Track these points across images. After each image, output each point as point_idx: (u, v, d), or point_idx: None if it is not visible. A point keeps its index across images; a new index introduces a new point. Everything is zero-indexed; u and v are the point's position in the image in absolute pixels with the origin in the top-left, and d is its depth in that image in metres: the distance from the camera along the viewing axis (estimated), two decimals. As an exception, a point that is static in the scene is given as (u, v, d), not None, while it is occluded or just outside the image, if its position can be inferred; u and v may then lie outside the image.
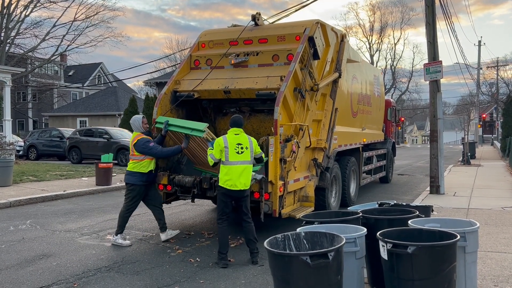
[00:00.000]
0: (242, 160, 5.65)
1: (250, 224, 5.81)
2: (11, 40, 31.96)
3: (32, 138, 23.89)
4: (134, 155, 6.57)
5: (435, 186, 11.21)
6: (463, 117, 42.10)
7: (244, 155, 5.67)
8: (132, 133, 6.82)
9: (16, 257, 5.95)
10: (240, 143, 5.70)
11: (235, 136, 5.76)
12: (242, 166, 5.65)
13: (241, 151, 5.66)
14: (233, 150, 5.63)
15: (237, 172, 5.62)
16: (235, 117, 5.97)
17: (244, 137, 5.81)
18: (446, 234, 3.65)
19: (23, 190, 11.47)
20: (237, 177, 5.61)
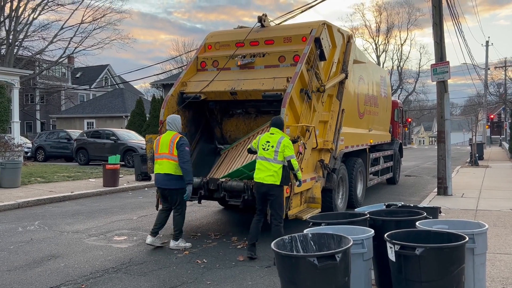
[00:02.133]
0: (264, 156, 5.86)
1: (277, 227, 5.83)
2: (19, 42, 32.23)
3: (40, 139, 24.08)
4: (173, 154, 6.23)
5: (443, 187, 11.13)
6: (470, 118, 41.82)
7: (268, 153, 5.85)
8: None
9: (24, 258, 5.99)
10: (268, 141, 5.90)
11: (269, 135, 5.98)
12: (263, 161, 5.87)
13: (267, 148, 5.87)
14: (261, 146, 5.92)
15: (258, 165, 5.89)
16: (276, 118, 6.19)
17: (276, 137, 5.92)
18: (454, 236, 3.63)
19: (31, 191, 11.56)
20: (258, 170, 5.87)
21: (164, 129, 7.51)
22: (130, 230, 7.68)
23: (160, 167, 6.35)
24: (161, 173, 6.34)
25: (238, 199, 6.84)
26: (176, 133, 6.40)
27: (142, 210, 9.61)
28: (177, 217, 6.48)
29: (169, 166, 6.29)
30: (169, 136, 6.37)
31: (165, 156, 6.30)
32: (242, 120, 8.60)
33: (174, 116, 6.61)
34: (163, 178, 6.34)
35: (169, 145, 6.29)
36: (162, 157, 6.34)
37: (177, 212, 6.48)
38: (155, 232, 6.46)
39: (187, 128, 8.19)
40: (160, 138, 6.47)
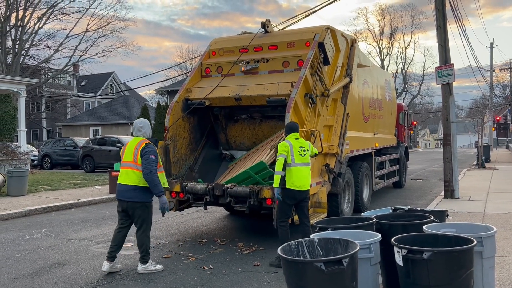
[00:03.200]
0: (305, 162, 5.92)
1: (308, 228, 5.92)
2: (25, 52, 32.54)
3: (46, 147, 24.23)
4: (137, 163, 5.48)
5: (450, 191, 11.06)
6: (476, 120, 41.58)
7: (306, 158, 5.94)
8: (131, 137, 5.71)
9: (32, 266, 6.01)
10: (302, 146, 5.96)
11: (295, 140, 5.99)
12: (306, 167, 5.93)
13: (303, 154, 5.93)
14: (297, 153, 5.89)
15: (304, 173, 5.89)
16: (291, 124, 6.20)
17: (304, 141, 6.09)
18: (462, 239, 3.60)
19: (38, 199, 11.61)
20: (305, 178, 5.88)
21: (170, 135, 7.56)
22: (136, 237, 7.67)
23: (123, 177, 5.56)
24: (124, 184, 5.53)
25: (244, 205, 6.83)
26: (143, 139, 5.62)
27: (148, 216, 9.61)
28: (141, 236, 5.60)
29: (133, 176, 5.48)
30: (135, 142, 5.60)
31: (129, 164, 5.53)
32: (246, 125, 8.61)
33: (143, 120, 5.89)
34: (126, 189, 5.51)
35: (133, 152, 5.51)
36: (125, 166, 5.57)
37: (141, 230, 5.61)
38: (112, 257, 5.61)
39: (192, 134, 8.21)
40: (127, 144, 5.72)
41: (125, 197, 5.55)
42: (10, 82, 17.92)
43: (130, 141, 5.71)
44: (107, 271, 5.58)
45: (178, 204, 7.60)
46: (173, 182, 7.34)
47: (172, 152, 7.62)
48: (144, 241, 5.62)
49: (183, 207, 7.77)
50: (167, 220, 8.99)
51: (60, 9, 32.94)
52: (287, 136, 6.11)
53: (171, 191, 7.38)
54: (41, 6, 32.12)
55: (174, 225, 8.60)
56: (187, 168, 8.01)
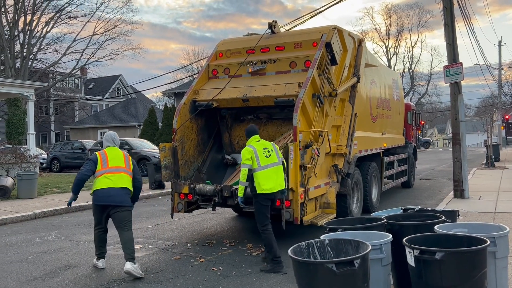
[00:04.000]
0: (272, 162, 5.85)
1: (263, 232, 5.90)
2: (33, 55, 32.83)
3: (55, 150, 24.42)
4: (130, 169, 5.85)
5: (459, 190, 10.97)
6: (485, 119, 41.18)
7: (272, 158, 5.87)
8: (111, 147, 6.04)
9: (42, 268, 6.05)
10: (266, 147, 5.92)
11: (257, 142, 5.95)
12: (274, 168, 5.85)
13: (268, 154, 5.86)
14: (262, 155, 5.84)
15: (272, 174, 5.81)
16: (251, 127, 6.19)
17: (266, 142, 6.06)
18: (475, 240, 3.56)
19: (48, 202, 11.69)
20: (274, 179, 5.80)
21: (178, 137, 7.58)
22: (145, 238, 7.71)
23: (118, 181, 5.66)
24: (118, 188, 5.62)
25: (252, 206, 6.80)
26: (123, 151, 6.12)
27: (157, 218, 9.65)
28: (131, 235, 5.72)
29: (128, 180, 5.76)
30: (118, 151, 5.97)
31: (123, 170, 5.77)
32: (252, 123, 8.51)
33: (115, 133, 6.28)
34: (120, 193, 5.64)
35: (124, 159, 5.86)
36: (120, 171, 5.72)
37: (129, 230, 5.75)
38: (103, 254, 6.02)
39: (200, 135, 8.22)
40: (105, 152, 5.88)
41: (117, 202, 5.63)
42: (19, 86, 18.08)
43: (110, 150, 5.94)
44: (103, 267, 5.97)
45: (187, 206, 7.61)
46: (182, 183, 7.35)
47: (180, 153, 7.64)
48: (132, 238, 5.77)
49: (192, 208, 7.77)
50: (176, 221, 9.00)
51: (67, 13, 33.25)
52: (248, 141, 6.03)
53: (180, 193, 7.39)
54: (49, 10, 32.47)
55: (183, 227, 8.61)
56: (195, 170, 8.02)
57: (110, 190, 5.61)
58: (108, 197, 5.62)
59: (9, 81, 18.62)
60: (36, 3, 31.32)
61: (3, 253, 6.92)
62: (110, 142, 6.07)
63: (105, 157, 5.82)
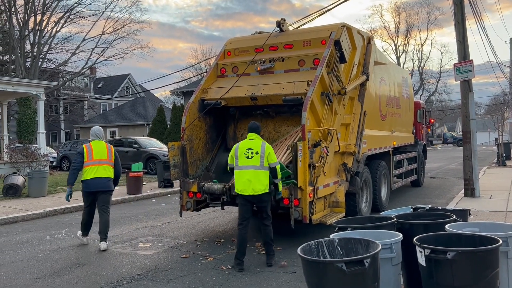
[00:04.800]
0: (251, 165, 5.66)
1: (268, 228, 5.86)
2: (43, 55, 33.14)
3: (65, 149, 24.61)
4: (111, 161, 7.07)
5: (470, 189, 10.86)
6: (496, 117, 40.74)
7: (253, 160, 5.64)
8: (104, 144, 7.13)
9: (53, 266, 6.10)
10: (250, 148, 5.72)
11: (248, 141, 5.82)
12: (250, 171, 5.66)
13: (250, 156, 5.67)
14: (243, 155, 5.70)
15: (245, 176, 5.67)
16: (251, 123, 6.05)
17: (257, 143, 5.77)
18: (487, 239, 3.51)
19: (58, 200, 11.79)
20: (246, 182, 5.65)
21: (186, 135, 7.60)
22: (154, 237, 7.74)
23: (101, 172, 6.91)
24: (103, 177, 6.90)
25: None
26: (105, 142, 7.20)
27: (166, 217, 9.68)
28: (108, 217, 7.03)
29: (110, 170, 7.05)
30: (102, 144, 7.08)
31: (106, 162, 6.99)
32: (258, 119, 8.44)
33: (99, 128, 7.38)
34: (105, 181, 6.91)
35: (107, 152, 7.02)
36: (103, 163, 6.94)
37: (108, 212, 7.04)
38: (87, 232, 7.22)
39: (209, 134, 8.22)
40: (91, 146, 7.01)
41: (103, 188, 6.94)
42: (29, 85, 18.25)
43: (95, 143, 7.07)
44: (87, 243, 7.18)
45: (195, 204, 7.62)
46: (190, 182, 7.37)
47: (189, 152, 7.65)
48: (109, 221, 7.10)
49: (200, 207, 7.79)
50: (185, 220, 9.03)
51: (76, 13, 33.50)
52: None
53: (188, 191, 7.41)
54: (58, 10, 32.74)
55: (192, 225, 8.63)
56: (203, 168, 8.03)
57: (97, 179, 6.89)
58: (95, 185, 6.90)
59: (19, 81, 18.80)
60: (46, 3, 31.62)
61: (14, 250, 7.00)
62: (95, 136, 7.20)
63: (90, 150, 6.95)
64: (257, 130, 5.95)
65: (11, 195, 12.09)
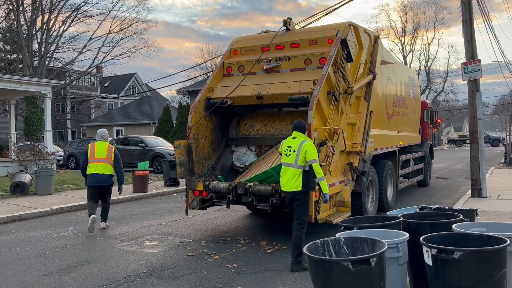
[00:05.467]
0: (286, 162, 5.78)
1: (298, 232, 5.65)
2: (50, 54, 33.31)
3: (71, 147, 24.74)
4: (110, 159, 8.11)
5: (477, 189, 10.79)
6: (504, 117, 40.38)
7: (290, 158, 5.73)
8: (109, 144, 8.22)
9: (60, 263, 6.14)
10: (290, 146, 5.79)
11: (291, 139, 5.86)
12: (286, 168, 5.79)
13: (288, 153, 5.77)
14: (283, 152, 5.84)
15: (283, 173, 5.82)
16: (297, 122, 6.01)
17: (297, 141, 5.77)
18: (494, 239, 3.49)
19: (64, 198, 11.87)
20: (284, 179, 5.79)
21: (192, 134, 7.62)
22: (160, 235, 7.76)
23: (101, 169, 8.01)
24: (103, 174, 8.02)
25: (267, 204, 6.81)
26: (108, 143, 8.23)
27: (172, 215, 9.71)
28: (108, 205, 8.47)
29: (109, 168, 8.10)
30: (105, 145, 8.15)
31: (105, 160, 8.06)
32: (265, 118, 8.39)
33: (105, 130, 8.49)
34: (105, 177, 8.07)
35: (107, 152, 8.08)
36: (102, 161, 8.03)
37: (109, 201, 8.45)
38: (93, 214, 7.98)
39: (214, 133, 8.23)
40: (95, 146, 8.12)
41: (104, 183, 8.10)
42: (36, 84, 18.36)
43: (98, 144, 8.16)
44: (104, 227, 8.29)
45: (201, 203, 7.64)
46: (196, 181, 7.38)
47: (195, 151, 7.66)
48: (108, 208, 8.49)
49: (206, 205, 7.80)
50: (190, 218, 9.05)
51: (83, 12, 33.61)
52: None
53: (194, 190, 7.42)
54: (66, 9, 32.87)
55: (197, 224, 8.65)
56: (209, 167, 8.04)
57: (96, 175, 8.01)
58: (96, 180, 8.03)
59: (27, 80, 18.92)
60: (54, 2, 31.78)
61: (22, 248, 7.05)
62: (100, 137, 8.33)
63: (93, 150, 8.08)
64: (301, 129, 5.90)
65: (18, 193, 12.18)
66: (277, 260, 6.06)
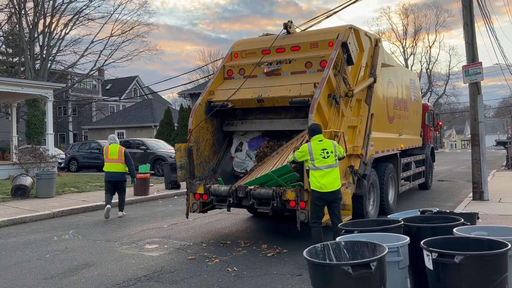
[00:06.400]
0: (328, 164, 5.96)
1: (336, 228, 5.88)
2: (52, 57, 33.42)
3: (73, 150, 24.76)
4: (121, 159, 9.72)
5: (478, 192, 10.76)
6: (505, 119, 40.30)
7: (330, 159, 5.97)
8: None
9: (60, 266, 6.13)
10: (325, 148, 6.00)
11: (319, 142, 6.04)
12: (328, 170, 5.96)
13: (326, 156, 5.96)
14: (319, 155, 5.96)
15: (325, 175, 5.94)
16: (314, 125, 6.24)
17: (328, 143, 6.11)
18: (495, 243, 3.47)
19: (66, 201, 11.87)
20: (327, 180, 5.93)
21: (193, 137, 7.63)
22: (161, 238, 7.75)
23: (114, 167, 9.73)
24: (116, 171, 9.75)
25: (267, 207, 6.79)
26: (119, 145, 9.90)
27: (172, 218, 9.70)
28: (123, 197, 10.05)
29: (121, 166, 9.78)
30: (116, 147, 9.80)
31: (116, 160, 9.72)
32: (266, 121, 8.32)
33: (115, 136, 10.36)
34: (117, 174, 9.77)
35: (118, 153, 9.71)
36: (114, 161, 9.73)
37: (123, 194, 10.05)
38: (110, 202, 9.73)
39: (215, 136, 8.23)
40: (108, 148, 9.81)
41: (116, 179, 9.82)
42: (38, 87, 18.42)
43: (111, 147, 9.83)
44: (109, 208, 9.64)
45: (202, 206, 7.63)
46: (197, 184, 7.37)
47: (195, 154, 7.66)
48: (124, 199, 10.12)
49: (207, 208, 7.79)
50: (191, 221, 9.04)
51: (85, 15, 33.76)
52: (310, 139, 6.13)
53: (195, 193, 7.41)
54: (67, 12, 33.01)
55: (198, 227, 8.64)
56: (210, 170, 8.03)
57: (110, 172, 9.81)
58: (110, 176, 9.82)
59: (29, 82, 18.98)
60: (56, 5, 31.91)
61: (22, 251, 7.05)
62: (113, 140, 10.09)
63: (107, 152, 9.83)
64: (321, 131, 6.21)
65: (19, 196, 12.19)
66: (278, 263, 6.04)
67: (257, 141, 8.23)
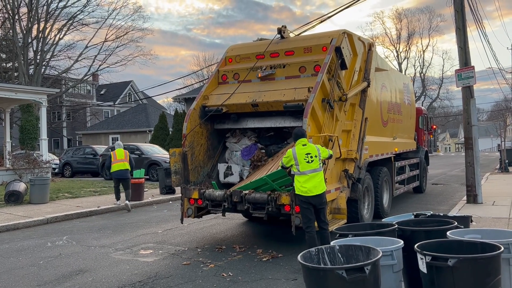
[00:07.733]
0: (312, 168, 5.93)
1: (326, 232, 5.98)
2: (46, 62, 33.29)
3: (67, 156, 24.63)
4: (127, 160, 11.93)
5: (472, 195, 10.81)
6: (498, 123, 40.58)
7: (314, 164, 5.96)
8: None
9: (54, 273, 6.09)
10: (309, 153, 5.98)
11: (303, 147, 6.03)
12: (312, 174, 5.94)
13: (310, 160, 5.94)
14: (303, 160, 5.94)
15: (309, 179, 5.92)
16: (298, 130, 6.24)
17: (312, 147, 6.07)
18: (488, 246, 3.49)
19: (60, 206, 11.80)
20: (311, 184, 5.91)
21: (187, 142, 7.62)
22: (155, 243, 7.72)
23: (122, 166, 11.80)
24: (121, 169, 11.79)
25: (262, 211, 6.79)
26: (124, 150, 12.10)
27: (167, 223, 9.67)
28: (129, 191, 11.95)
29: (127, 165, 11.88)
30: (122, 151, 11.98)
31: (124, 160, 11.85)
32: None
33: (120, 142, 12.78)
34: (124, 172, 11.83)
35: (124, 155, 11.89)
36: (122, 161, 11.81)
37: (128, 189, 11.93)
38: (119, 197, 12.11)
39: (209, 141, 8.23)
40: (116, 152, 11.91)
41: (123, 176, 11.86)
42: (32, 92, 18.34)
43: (118, 150, 11.99)
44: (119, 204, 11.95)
45: (197, 211, 7.61)
46: (191, 189, 7.36)
47: (190, 159, 7.65)
48: (129, 193, 11.93)
49: (202, 213, 7.77)
50: (186, 226, 9.01)
51: (79, 20, 33.69)
52: (295, 143, 6.16)
53: (190, 198, 7.40)
54: (61, 17, 32.94)
55: (193, 232, 8.61)
56: (205, 175, 8.02)
57: (119, 171, 11.82)
58: (119, 174, 11.84)
59: (22, 88, 18.89)
60: (50, 10, 31.84)
61: (15, 257, 6.99)
62: (118, 146, 12.32)
63: (115, 155, 11.91)
64: (304, 135, 6.20)
65: (13, 202, 12.10)
66: (273, 268, 6.03)
67: (250, 150, 8.21)
